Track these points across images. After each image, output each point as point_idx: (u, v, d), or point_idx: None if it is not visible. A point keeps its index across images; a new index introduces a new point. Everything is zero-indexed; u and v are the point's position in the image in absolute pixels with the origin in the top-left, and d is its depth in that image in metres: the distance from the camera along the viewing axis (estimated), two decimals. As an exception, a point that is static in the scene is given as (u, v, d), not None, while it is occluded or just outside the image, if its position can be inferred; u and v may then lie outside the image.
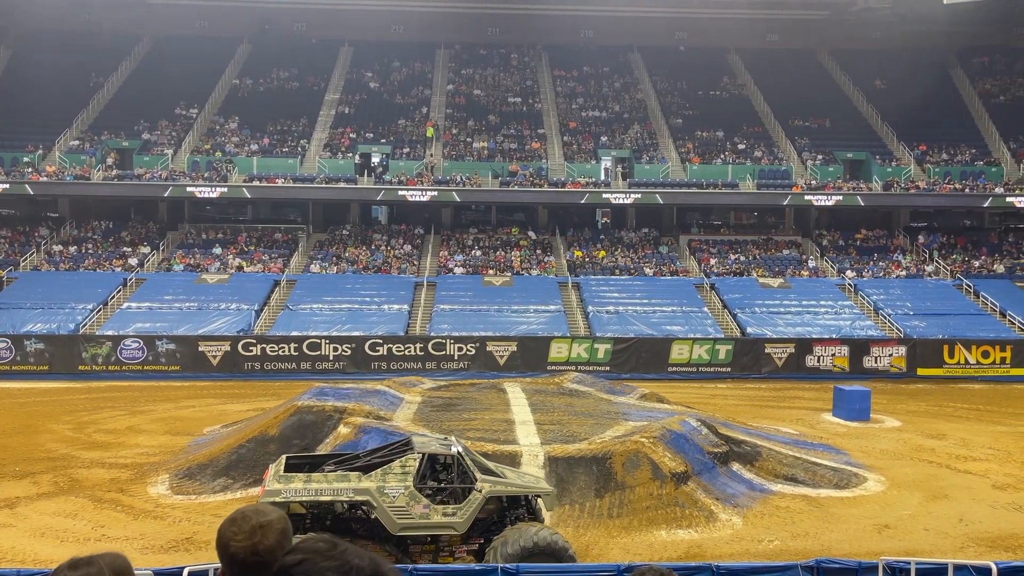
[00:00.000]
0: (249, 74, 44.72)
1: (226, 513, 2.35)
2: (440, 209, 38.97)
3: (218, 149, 38.40)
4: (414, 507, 10.25)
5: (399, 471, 10.38)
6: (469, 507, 10.44)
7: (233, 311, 30.37)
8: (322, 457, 11.72)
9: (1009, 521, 13.86)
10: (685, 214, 40.00)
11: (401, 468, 10.41)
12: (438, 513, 10.35)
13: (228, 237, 37.21)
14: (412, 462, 10.45)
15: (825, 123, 42.33)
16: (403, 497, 10.22)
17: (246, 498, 14.29)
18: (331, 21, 45.75)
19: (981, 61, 45.94)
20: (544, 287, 33.31)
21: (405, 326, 30.17)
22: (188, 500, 14.61)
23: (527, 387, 20.91)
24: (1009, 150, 39.74)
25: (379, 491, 10.18)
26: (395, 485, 10.26)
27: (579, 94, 44.95)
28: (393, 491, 10.21)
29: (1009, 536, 13.11)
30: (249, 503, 13.51)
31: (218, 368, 27.83)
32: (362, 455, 11.41)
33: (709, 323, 30.62)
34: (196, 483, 15.37)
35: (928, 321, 30.86)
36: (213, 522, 13.09)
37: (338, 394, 18.10)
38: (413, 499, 10.24)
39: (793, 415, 22.80)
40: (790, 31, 45.96)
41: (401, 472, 10.36)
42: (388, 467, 10.43)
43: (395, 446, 11.39)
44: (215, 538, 2.17)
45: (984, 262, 36.36)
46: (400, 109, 42.93)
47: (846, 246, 37.91)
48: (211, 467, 15.80)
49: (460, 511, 10.39)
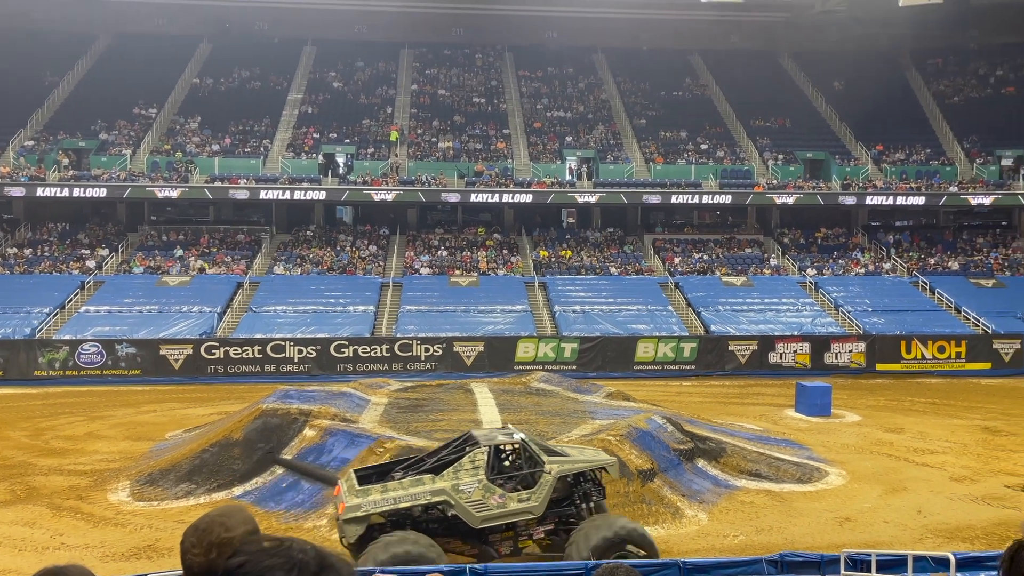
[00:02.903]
0: (210, 73, 44.08)
1: (189, 519, 2.33)
2: (405, 209, 38.81)
3: (178, 149, 37.80)
4: (490, 499, 10.52)
5: (470, 467, 10.61)
6: (542, 490, 10.73)
7: (195, 314, 29.92)
8: (388, 465, 11.74)
9: (965, 512, 14.21)
10: (649, 214, 40.35)
11: (471, 463, 10.63)
12: (514, 500, 10.63)
13: (190, 239, 36.65)
14: (481, 456, 10.69)
15: (785, 123, 43.00)
16: (478, 491, 10.48)
17: (210, 503, 14.09)
18: (293, 20, 45.30)
19: (935, 63, 47.02)
20: (510, 287, 33.35)
21: (371, 327, 29.99)
22: (150, 507, 14.35)
23: (494, 387, 20.91)
24: (962, 150, 40.76)
25: (454, 489, 10.43)
26: (469, 481, 10.51)
27: (544, 95, 45.08)
28: (468, 487, 10.47)
29: (966, 527, 13.44)
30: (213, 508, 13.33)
31: (180, 372, 27.39)
32: (425, 456, 11.58)
33: (674, 321, 30.92)
34: (158, 489, 15.11)
35: (886, 317, 31.51)
36: (176, 528, 12.88)
37: (303, 396, 17.93)
38: (488, 491, 10.52)
39: (757, 411, 23.12)
40: (751, 33, 46.61)
41: (472, 467, 10.60)
42: (458, 465, 10.63)
43: (455, 444, 11.54)
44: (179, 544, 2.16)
45: (939, 259, 37.23)
46: (364, 109, 42.66)
47: (807, 244, 38.56)
48: (173, 472, 15.54)
49: (534, 495, 10.69)
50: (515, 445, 11.06)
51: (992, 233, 39.81)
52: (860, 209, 39.41)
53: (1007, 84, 44.30)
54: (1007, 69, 45.02)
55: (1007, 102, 42.90)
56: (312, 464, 14.90)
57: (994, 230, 40.13)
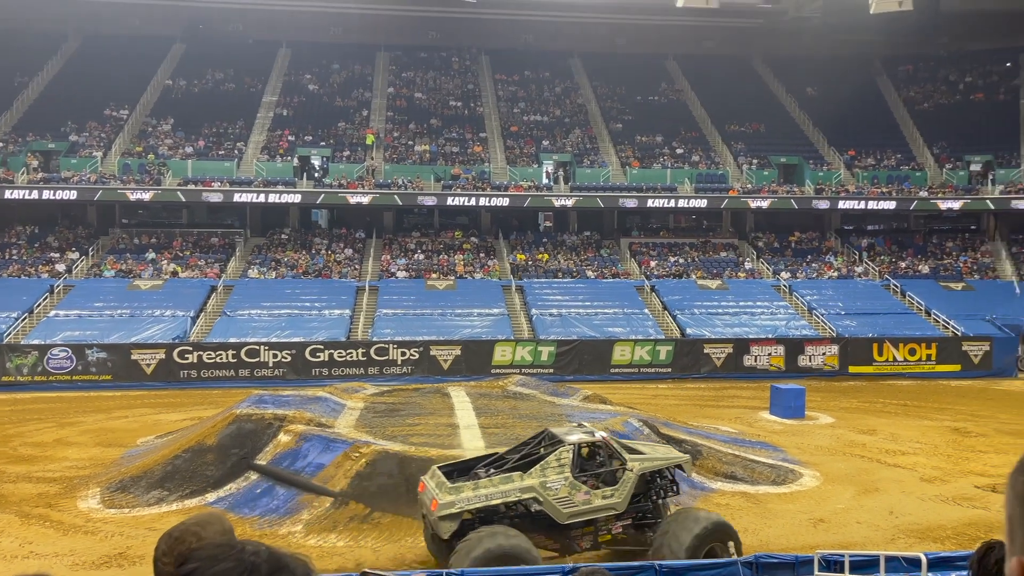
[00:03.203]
0: (183, 75, 43.62)
1: (162, 527, 2.31)
2: (382, 213, 38.64)
3: (151, 151, 37.34)
4: (576, 495, 10.91)
5: (555, 464, 10.96)
6: (625, 487, 11.20)
7: (168, 318, 29.56)
8: (469, 462, 12.00)
9: (936, 513, 14.40)
10: (626, 217, 40.53)
11: (557, 461, 10.97)
12: (598, 497, 11.04)
13: (162, 242, 36.21)
14: (566, 454, 11.04)
15: (760, 128, 43.41)
16: (565, 488, 10.86)
17: (182, 510, 13.91)
18: (268, 22, 44.97)
19: (906, 69, 47.75)
20: (487, 290, 33.32)
21: (347, 331, 29.81)
22: (121, 514, 14.14)
23: (471, 391, 20.86)
24: (932, 155, 41.40)
25: (542, 486, 10.78)
26: (555, 478, 10.87)
27: (520, 98, 45.15)
28: (555, 484, 10.84)
29: (937, 527, 13.62)
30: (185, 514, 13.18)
31: (152, 377, 27.03)
32: (506, 454, 11.90)
33: (650, 324, 31.06)
34: (129, 496, 14.89)
35: (858, 320, 31.90)
36: (147, 536, 12.70)
37: (278, 401, 17.76)
38: (574, 488, 10.91)
39: (732, 414, 23.28)
40: (725, 38, 47.01)
41: (558, 465, 10.94)
42: (545, 462, 10.95)
43: (534, 441, 11.93)
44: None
45: (910, 263, 37.78)
46: (340, 112, 42.44)
47: (781, 248, 38.94)
48: (145, 479, 15.32)
49: (617, 492, 11.14)
50: (598, 443, 11.41)
51: (961, 237, 40.46)
52: (833, 213, 39.89)
53: (976, 91, 45.09)
54: (976, 76, 45.83)
55: (976, 108, 43.65)
56: (287, 469, 14.77)
57: (963, 234, 40.79)
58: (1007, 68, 45.31)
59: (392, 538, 12.90)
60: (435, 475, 11.16)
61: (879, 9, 35.32)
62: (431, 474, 11.29)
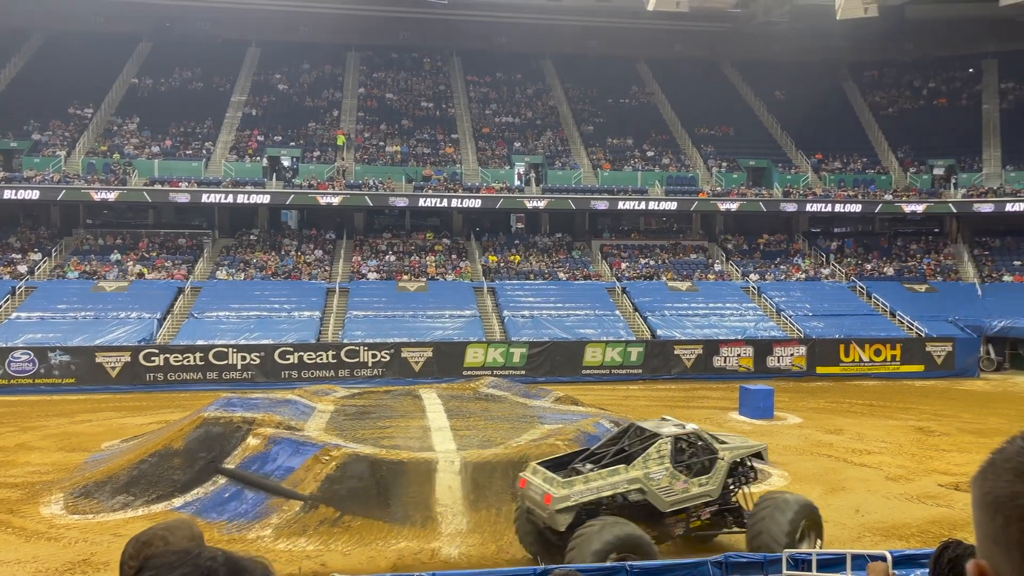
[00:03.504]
0: (149, 73, 43.00)
1: (127, 532, 2.28)
2: (352, 214, 38.40)
3: (116, 151, 36.74)
4: (675, 485, 11.65)
5: (656, 456, 11.62)
6: (718, 475, 12.01)
7: (134, 320, 29.09)
8: (566, 457, 12.42)
9: (901, 511, 14.64)
10: (597, 219, 40.70)
11: (657, 453, 11.63)
12: (695, 485, 11.80)
13: (128, 243, 35.63)
14: (665, 446, 11.73)
15: (729, 132, 43.86)
16: (666, 478, 11.59)
17: (148, 515, 13.69)
18: (237, 21, 44.48)
19: (871, 75, 48.55)
20: (459, 292, 33.25)
21: (317, 333, 29.56)
22: (85, 520, 13.87)
23: (443, 393, 20.80)
24: (897, 159, 42.14)
25: (646, 477, 11.46)
26: (656, 469, 11.57)
27: (492, 100, 45.15)
28: (657, 475, 11.54)
29: (902, 525, 13.85)
30: (151, 520, 12.96)
31: (117, 380, 26.57)
32: (597, 449, 12.43)
33: (621, 326, 31.21)
34: (93, 501, 14.61)
35: (825, 321, 32.34)
36: (112, 542, 12.47)
37: (247, 404, 17.55)
38: (674, 478, 11.64)
39: (702, 414, 23.45)
40: (695, 42, 47.42)
41: (658, 457, 11.63)
42: (646, 455, 11.58)
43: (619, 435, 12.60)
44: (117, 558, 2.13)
45: (876, 265, 38.40)
46: (310, 112, 42.12)
47: (750, 250, 39.37)
48: (110, 484, 15.05)
49: (711, 480, 11.94)
50: (691, 434, 12.16)
51: (925, 240, 41.22)
52: (801, 216, 40.43)
53: (939, 96, 45.98)
54: (939, 82, 46.73)
55: (939, 113, 44.52)
56: (256, 473, 14.60)
57: (927, 237, 41.56)
58: (969, 74, 46.27)
59: (363, 541, 12.82)
60: (537, 471, 11.63)
61: (845, 15, 35.86)
62: (532, 470, 11.74)
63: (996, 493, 0.84)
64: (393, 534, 13.01)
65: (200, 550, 1.41)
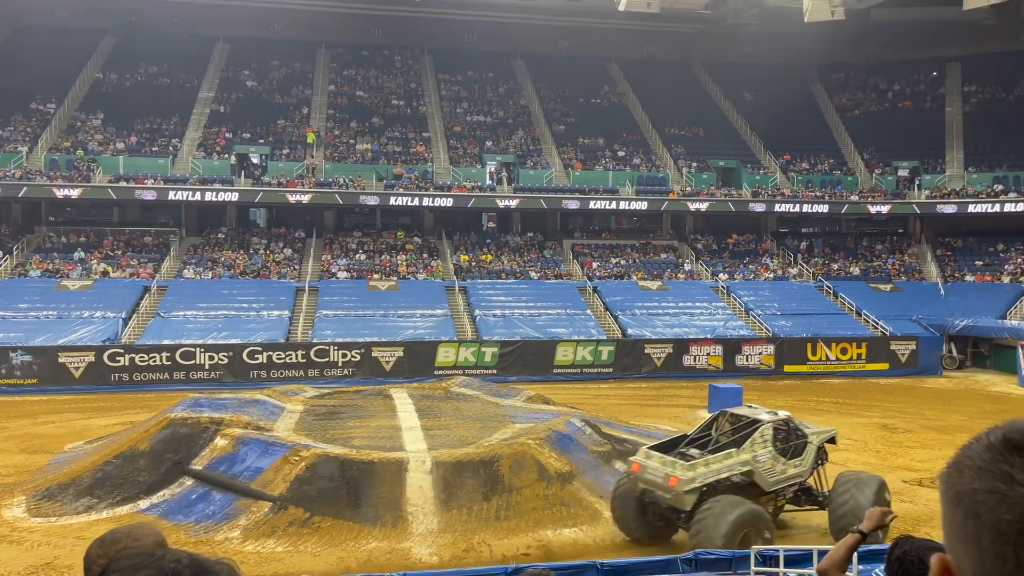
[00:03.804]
0: (114, 68, 42.28)
1: (91, 535, 2.24)
2: (322, 212, 38.12)
3: (80, 147, 36.08)
4: (776, 467, 12.72)
5: (760, 441, 12.67)
6: (809, 456, 13.24)
7: (98, 319, 28.59)
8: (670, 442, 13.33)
9: (867, 506, 14.86)
10: (568, 219, 40.84)
11: (761, 438, 12.67)
12: (791, 467, 12.92)
13: (92, 241, 35.01)
14: (768, 431, 12.79)
15: (699, 132, 44.24)
16: (769, 461, 12.66)
17: (113, 518, 13.47)
18: (204, 16, 43.90)
19: (838, 77, 49.28)
20: (430, 291, 33.16)
21: (286, 333, 29.30)
22: (48, 523, 13.61)
23: (414, 392, 20.74)
24: (863, 160, 42.83)
25: (754, 460, 12.49)
26: (762, 453, 12.63)
27: (464, 98, 45.08)
28: (762, 458, 12.60)
29: (867, 520, 14.04)
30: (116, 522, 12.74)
31: (81, 380, 26.09)
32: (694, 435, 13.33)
33: (592, 325, 31.35)
34: (57, 504, 14.34)
35: (793, 321, 32.78)
36: (76, 545, 12.25)
37: (214, 405, 17.34)
38: (775, 460, 12.73)
39: (672, 413, 23.65)
40: (666, 43, 47.77)
41: (762, 441, 12.68)
42: (752, 440, 12.59)
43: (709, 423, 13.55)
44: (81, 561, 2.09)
45: (842, 265, 38.99)
46: (279, 109, 41.72)
47: (719, 250, 39.76)
48: (73, 486, 14.78)
49: (803, 461, 13.14)
50: (786, 420, 13.25)
51: (890, 240, 41.96)
52: (769, 216, 40.92)
53: (904, 98, 46.81)
54: (904, 84, 47.57)
55: (903, 116, 45.31)
56: (224, 474, 14.43)
57: (892, 237, 42.30)
58: (933, 77, 47.17)
59: (333, 542, 12.73)
60: (651, 455, 12.56)
61: (813, 18, 36.36)
62: (646, 455, 12.66)
63: (958, 489, 0.87)
64: (363, 534, 12.94)
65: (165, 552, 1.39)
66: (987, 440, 0.87)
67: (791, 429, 13.24)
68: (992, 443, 0.86)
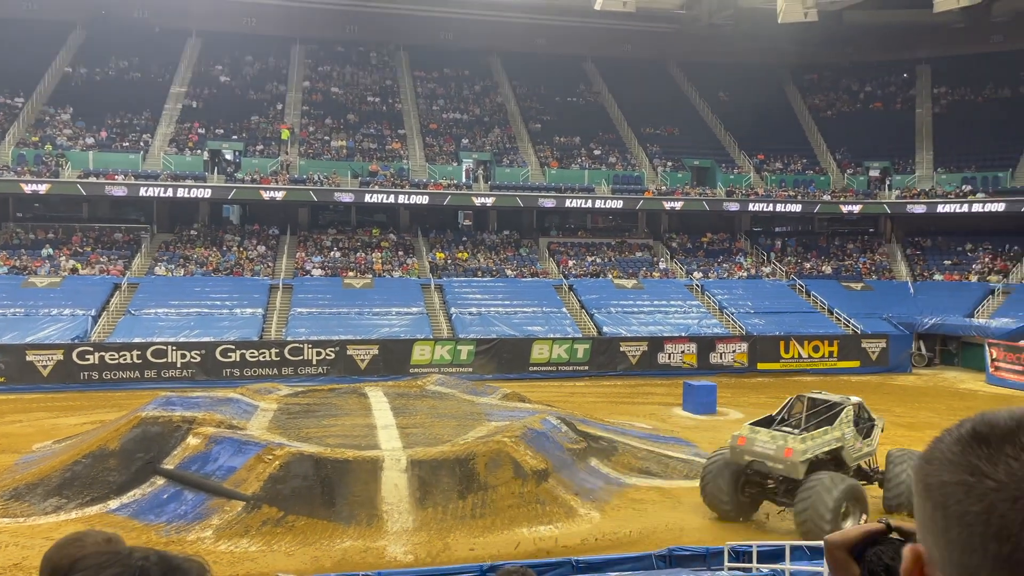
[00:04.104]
0: (84, 62, 41.60)
1: (60, 536, 2.19)
2: (296, 209, 37.81)
3: (48, 142, 35.45)
4: (855, 444, 14.36)
5: (846, 420, 14.22)
6: (877, 436, 14.98)
7: (67, 317, 28.13)
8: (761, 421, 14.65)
9: (838, 502, 15.04)
10: (544, 217, 40.88)
11: (846, 418, 14.22)
12: (866, 445, 14.64)
13: (60, 237, 34.44)
14: (850, 412, 14.35)
15: (674, 132, 44.48)
16: (852, 439, 14.29)
17: (82, 518, 13.27)
18: (177, 10, 43.31)
19: (811, 78, 49.81)
20: (406, 289, 33.04)
21: (259, 331, 29.02)
22: (16, 523, 13.37)
23: (389, 391, 20.65)
24: (835, 160, 43.33)
25: (843, 437, 14.09)
26: (848, 431, 14.19)
27: (440, 96, 44.94)
28: (848, 436, 14.21)
29: (838, 516, 14.23)
30: (85, 522, 12.53)
31: (49, 379, 25.65)
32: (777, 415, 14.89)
33: (568, 323, 31.42)
34: (24, 504, 14.10)
35: (766, 319, 33.09)
36: (44, 546, 11.95)
37: (187, 403, 17.15)
38: (856, 439, 14.37)
39: (647, 410, 23.78)
40: (642, 42, 47.96)
41: (847, 421, 14.26)
42: (839, 419, 14.08)
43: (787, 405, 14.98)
44: None
45: (814, 264, 39.43)
46: (253, 105, 41.29)
47: (693, 249, 40.02)
48: (41, 486, 14.54)
49: (873, 440, 14.88)
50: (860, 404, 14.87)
51: (861, 239, 42.50)
52: (743, 215, 41.26)
53: (875, 100, 47.43)
54: (875, 86, 48.20)
55: (874, 117, 45.90)
56: (196, 473, 14.28)
57: (863, 236, 42.85)
58: (904, 79, 47.84)
59: (307, 541, 12.65)
60: (757, 430, 14.00)
61: (787, 19, 36.70)
62: (751, 430, 14.16)
63: (928, 481, 0.88)
64: (338, 533, 12.87)
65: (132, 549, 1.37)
66: (957, 433, 0.88)
67: (862, 412, 14.82)
68: (961, 436, 0.87)
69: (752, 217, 42.04)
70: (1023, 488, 0.80)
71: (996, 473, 0.82)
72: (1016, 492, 0.80)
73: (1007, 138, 40.51)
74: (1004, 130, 40.89)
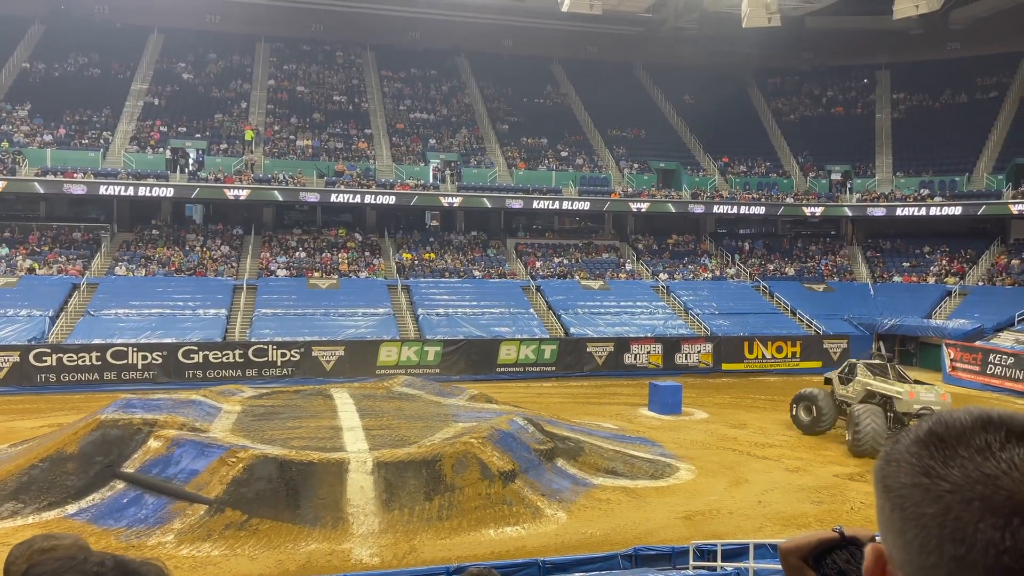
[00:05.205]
0: (42, 58, 40.66)
1: (15, 541, 2.16)
2: (261, 209, 37.37)
3: (5, 139, 34.59)
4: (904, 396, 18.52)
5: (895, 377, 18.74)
6: None
7: (23, 318, 27.48)
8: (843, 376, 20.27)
9: (799, 500, 15.31)
10: (512, 218, 40.90)
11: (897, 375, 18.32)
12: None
13: (17, 236, 33.63)
14: (896, 371, 19.06)
15: (640, 134, 44.81)
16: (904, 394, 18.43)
17: (40, 523, 12.97)
18: (138, 5, 42.57)
19: (774, 82, 50.51)
20: (373, 289, 32.82)
21: (223, 332, 28.63)
22: (-32, 530, 13.01)
23: (355, 392, 20.50)
24: (798, 164, 43.99)
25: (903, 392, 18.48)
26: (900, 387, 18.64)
27: (407, 95, 44.75)
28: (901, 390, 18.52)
29: (800, 515, 14.48)
30: (43, 528, 12.26)
31: (5, 381, 25.03)
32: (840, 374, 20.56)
33: (535, 324, 31.47)
34: (-22, 511, 13.72)
35: (731, 320, 33.47)
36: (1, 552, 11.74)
37: (148, 406, 16.84)
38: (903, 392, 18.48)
39: (613, 411, 23.91)
40: (608, 45, 48.24)
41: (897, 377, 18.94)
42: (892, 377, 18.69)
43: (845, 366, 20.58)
44: None
45: (778, 266, 39.98)
46: (217, 103, 40.73)
47: (659, 250, 40.35)
48: (-4, 492, 14.17)
49: None
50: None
51: (823, 241, 43.19)
52: (708, 217, 41.69)
53: (836, 104, 48.24)
54: (836, 90, 49.02)
55: (836, 121, 46.70)
56: (157, 477, 14.03)
57: (825, 239, 43.55)
58: (864, 84, 48.73)
59: (271, 545, 12.50)
60: (914, 387, 18.70)
61: (751, 23, 37.16)
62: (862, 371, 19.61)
63: (887, 482, 0.89)
64: (303, 536, 12.74)
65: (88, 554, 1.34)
66: (915, 433, 0.90)
67: (898, 373, 19.75)
68: (919, 436, 0.89)
69: (717, 219, 42.50)
70: (977, 490, 0.81)
71: (951, 475, 0.83)
72: (970, 494, 0.81)
73: (964, 143, 41.47)
74: (961, 135, 41.85)
